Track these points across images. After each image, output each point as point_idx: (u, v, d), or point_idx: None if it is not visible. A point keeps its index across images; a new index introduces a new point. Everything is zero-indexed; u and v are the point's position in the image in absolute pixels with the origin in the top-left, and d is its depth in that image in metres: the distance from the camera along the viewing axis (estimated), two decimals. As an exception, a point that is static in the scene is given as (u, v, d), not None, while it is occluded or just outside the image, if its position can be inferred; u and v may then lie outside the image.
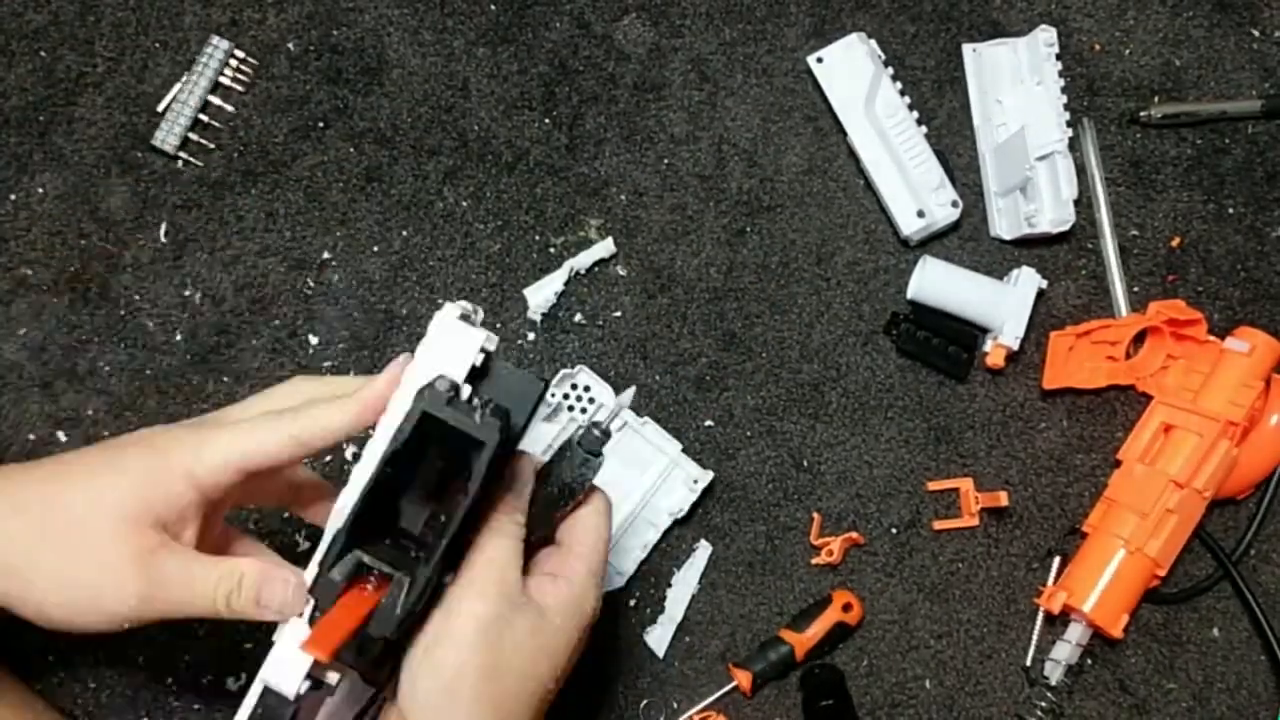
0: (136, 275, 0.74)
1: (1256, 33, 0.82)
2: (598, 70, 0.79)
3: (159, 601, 0.46)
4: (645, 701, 0.70)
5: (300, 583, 0.47)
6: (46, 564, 0.46)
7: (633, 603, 0.72)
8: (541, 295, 0.74)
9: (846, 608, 0.70)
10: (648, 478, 0.72)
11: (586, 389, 0.72)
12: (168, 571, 0.46)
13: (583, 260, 0.75)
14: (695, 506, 0.72)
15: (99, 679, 0.68)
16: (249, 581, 0.47)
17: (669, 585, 0.72)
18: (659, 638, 0.71)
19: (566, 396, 0.72)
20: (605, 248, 0.75)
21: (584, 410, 0.72)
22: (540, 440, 0.69)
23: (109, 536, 0.46)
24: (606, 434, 0.52)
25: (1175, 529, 0.69)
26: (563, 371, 0.71)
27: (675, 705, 0.70)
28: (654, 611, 0.72)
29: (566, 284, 0.75)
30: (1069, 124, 0.77)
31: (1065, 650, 0.70)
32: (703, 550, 0.72)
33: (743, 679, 0.69)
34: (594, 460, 0.52)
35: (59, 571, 0.46)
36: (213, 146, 0.76)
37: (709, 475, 0.71)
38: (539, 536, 0.52)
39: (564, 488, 0.52)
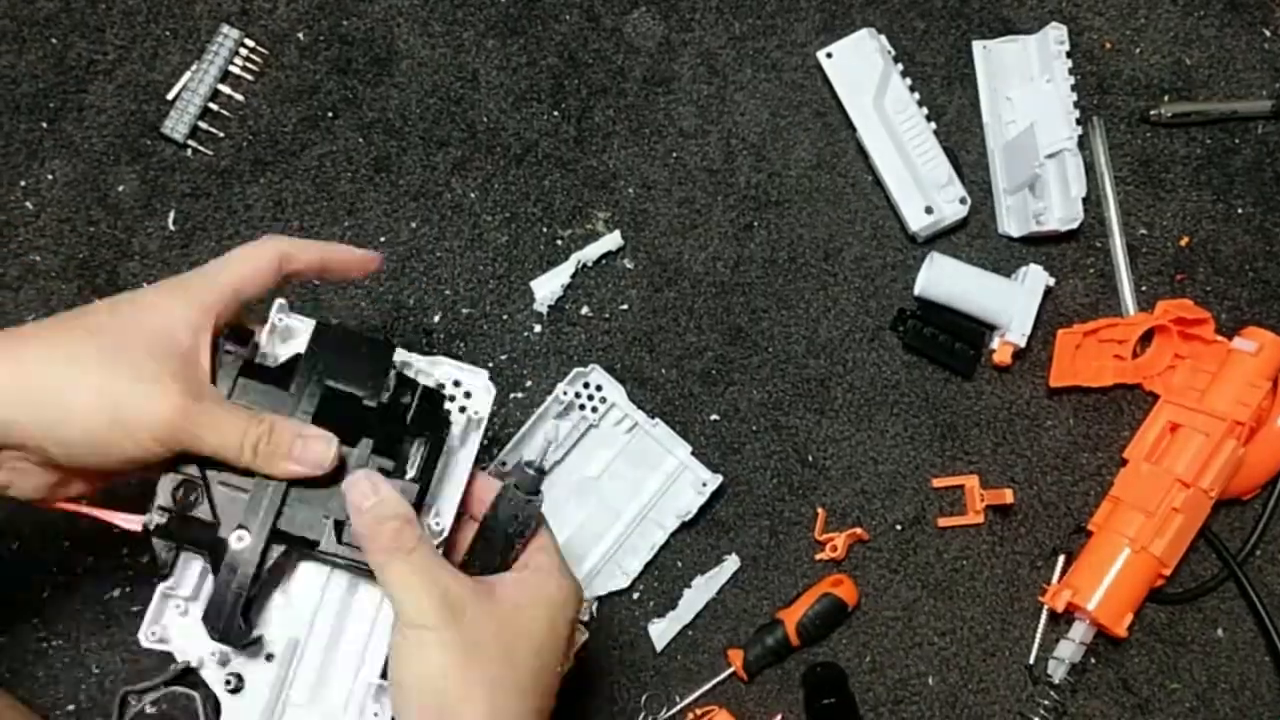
0: (144, 263, 0.74)
1: (1268, 32, 0.81)
2: (607, 63, 0.79)
3: (184, 434, 0.46)
4: (646, 694, 0.70)
5: (337, 441, 0.48)
6: (87, 380, 0.46)
7: (637, 595, 0.72)
8: (548, 288, 0.74)
9: (837, 583, 0.70)
10: (656, 479, 0.72)
11: (599, 388, 0.72)
12: (201, 405, 0.47)
13: (590, 253, 0.75)
14: (703, 508, 0.72)
15: (103, 665, 0.69)
16: (280, 435, 0.47)
17: (687, 586, 0.72)
18: (661, 632, 0.71)
19: (579, 395, 0.71)
20: (613, 240, 0.75)
21: (595, 409, 0.72)
22: (555, 436, 0.70)
23: (148, 350, 0.47)
24: (541, 471, 0.50)
25: (1181, 528, 0.68)
26: (575, 370, 0.71)
27: (677, 698, 0.70)
28: (658, 605, 0.72)
29: (574, 276, 0.75)
30: (1078, 122, 0.77)
31: (1069, 649, 0.70)
32: (731, 563, 0.72)
33: (735, 658, 0.69)
34: (534, 501, 0.50)
35: (99, 387, 0.46)
36: (222, 135, 0.76)
37: (718, 479, 0.71)
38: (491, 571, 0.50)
39: (508, 534, 0.50)
